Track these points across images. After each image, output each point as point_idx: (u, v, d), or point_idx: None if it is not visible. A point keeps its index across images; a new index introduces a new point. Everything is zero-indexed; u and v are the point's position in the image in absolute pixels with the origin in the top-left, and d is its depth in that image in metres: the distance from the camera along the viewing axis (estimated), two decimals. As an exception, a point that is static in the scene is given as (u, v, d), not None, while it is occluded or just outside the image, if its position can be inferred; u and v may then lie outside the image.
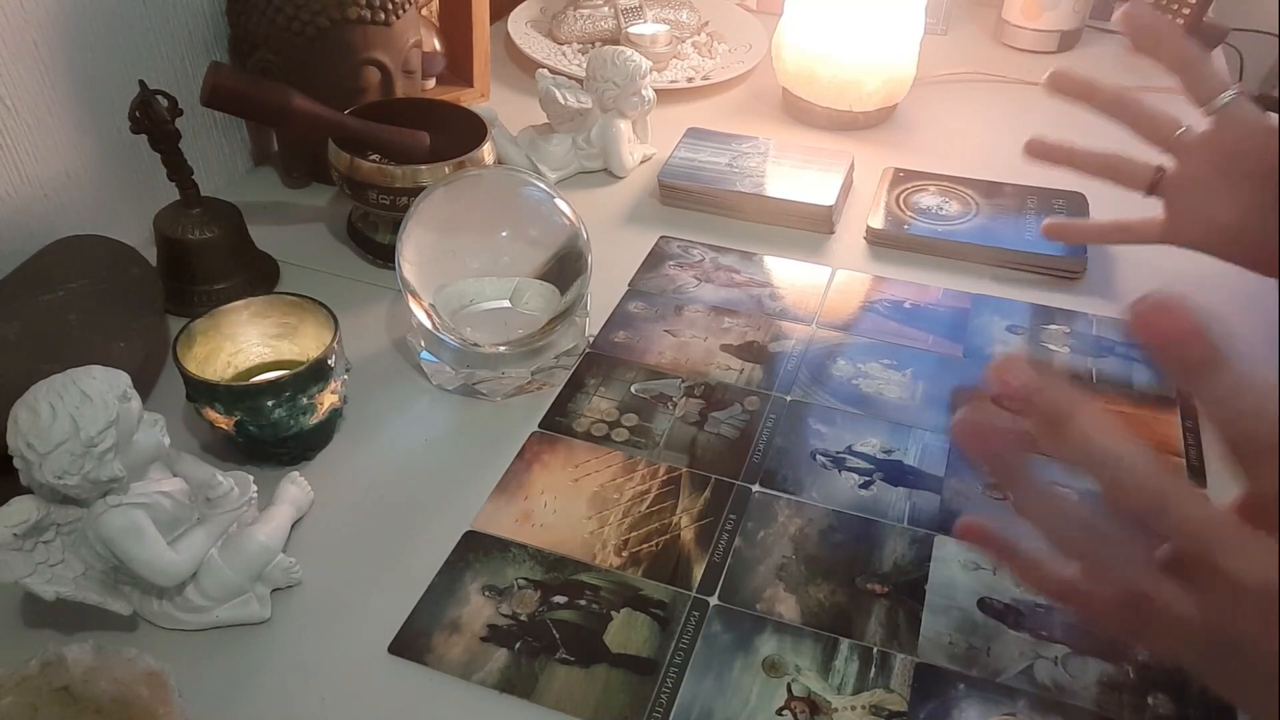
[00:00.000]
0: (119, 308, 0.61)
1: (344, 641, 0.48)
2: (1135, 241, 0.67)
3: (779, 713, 0.45)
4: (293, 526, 0.52)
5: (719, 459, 0.58)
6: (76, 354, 0.50)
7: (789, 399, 0.62)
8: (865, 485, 0.56)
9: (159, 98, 0.62)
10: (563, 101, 0.82)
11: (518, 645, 0.48)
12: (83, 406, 0.42)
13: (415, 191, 0.66)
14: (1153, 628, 0.36)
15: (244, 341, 0.58)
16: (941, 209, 0.79)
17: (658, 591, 0.50)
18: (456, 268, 0.60)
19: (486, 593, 0.50)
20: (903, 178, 0.83)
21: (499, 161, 0.79)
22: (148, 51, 0.71)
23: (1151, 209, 0.66)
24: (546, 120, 0.85)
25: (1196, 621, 0.34)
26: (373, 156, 0.70)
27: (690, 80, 1.01)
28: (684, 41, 1.08)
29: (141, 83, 0.61)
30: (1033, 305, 0.71)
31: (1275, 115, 0.59)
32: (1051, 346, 0.67)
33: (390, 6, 0.74)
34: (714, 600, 0.50)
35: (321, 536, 0.53)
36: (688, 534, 0.53)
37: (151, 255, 0.67)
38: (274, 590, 0.49)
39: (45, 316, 0.58)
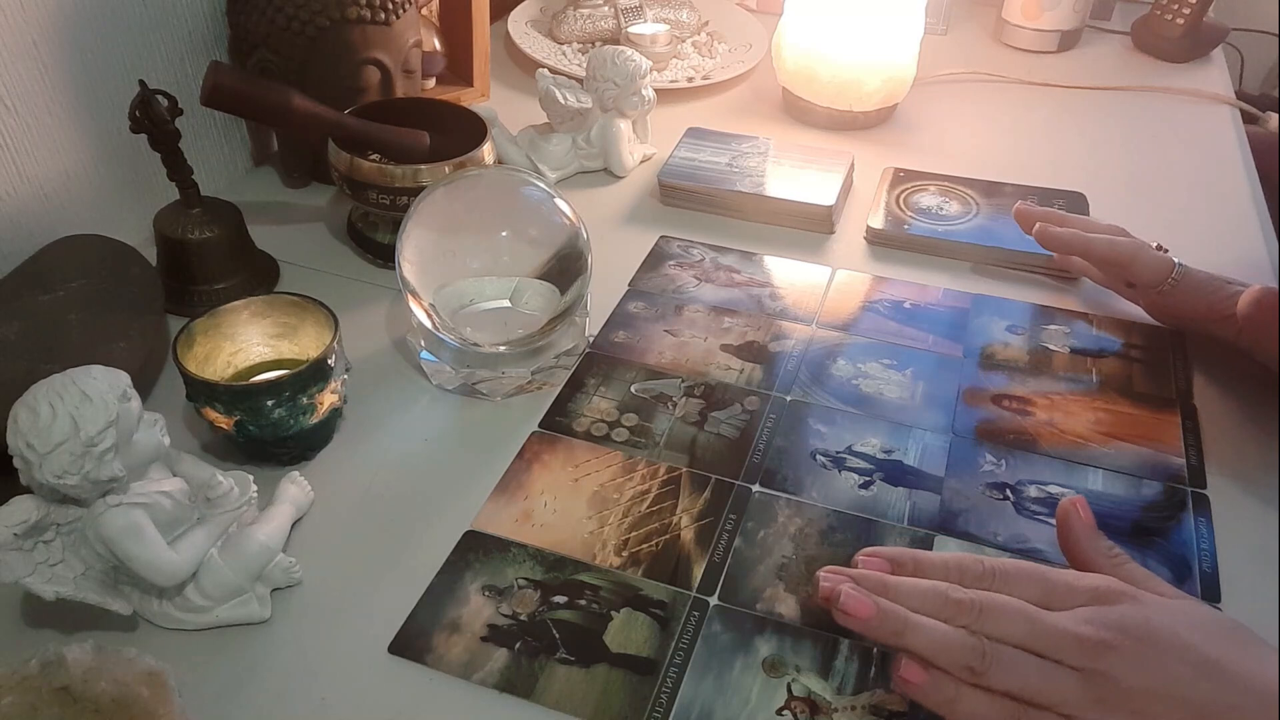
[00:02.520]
0: (119, 308, 0.61)
1: (344, 641, 0.48)
2: (1096, 279, 0.71)
3: (779, 713, 0.45)
4: (293, 526, 0.52)
5: (719, 459, 0.58)
6: (76, 354, 0.50)
7: (789, 399, 0.62)
8: (865, 485, 0.56)
9: (159, 98, 0.62)
10: (563, 101, 0.82)
11: (518, 645, 0.47)
12: (83, 406, 0.42)
13: (415, 191, 0.66)
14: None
15: (244, 341, 0.58)
16: (941, 209, 0.79)
17: (658, 591, 0.50)
18: (456, 268, 0.60)
19: (486, 593, 0.50)
20: (903, 178, 0.83)
21: (499, 161, 0.79)
22: (148, 51, 0.71)
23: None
24: (546, 120, 0.85)
25: None
26: (373, 156, 0.70)
27: (690, 80, 1.01)
28: (684, 41, 1.08)
29: (141, 83, 0.61)
30: (1033, 305, 0.71)
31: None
32: (1051, 346, 0.67)
33: (390, 6, 0.74)
34: (714, 600, 0.50)
35: (321, 536, 0.53)
36: (688, 534, 0.53)
37: (151, 255, 0.67)
38: (274, 590, 0.49)
39: (45, 316, 0.58)
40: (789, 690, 0.46)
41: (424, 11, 0.93)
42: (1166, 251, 0.65)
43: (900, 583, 0.44)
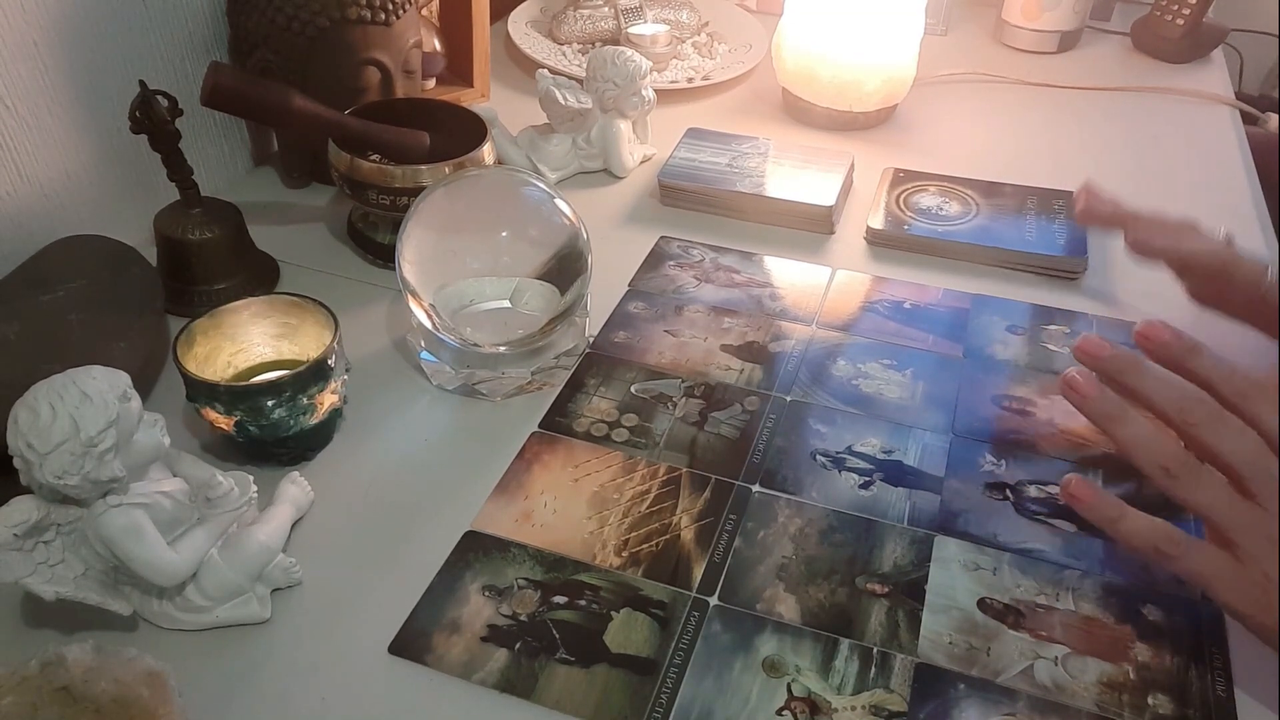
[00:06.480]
0: (119, 308, 0.61)
1: (344, 641, 0.48)
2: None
3: (779, 713, 0.45)
4: (293, 526, 0.52)
5: (719, 459, 0.58)
6: (76, 354, 0.50)
7: (789, 399, 0.62)
8: (865, 485, 0.56)
9: (159, 98, 0.62)
10: (563, 101, 0.82)
11: (518, 645, 0.48)
12: (83, 406, 0.42)
13: (415, 191, 0.66)
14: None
15: (244, 341, 0.58)
16: (941, 209, 0.79)
17: (658, 591, 0.50)
18: (456, 268, 0.60)
19: (486, 593, 0.50)
20: (903, 178, 0.83)
21: (499, 161, 0.79)
22: (148, 51, 0.71)
23: None
24: (546, 120, 0.85)
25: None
26: (373, 156, 0.70)
27: (690, 80, 1.01)
28: (684, 42, 1.08)
29: (141, 83, 0.61)
30: (1033, 305, 0.71)
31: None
32: (1051, 346, 0.67)
33: (390, 6, 0.74)
34: (714, 600, 0.50)
35: (321, 536, 0.53)
36: (688, 534, 0.53)
37: (151, 255, 0.67)
38: (274, 590, 0.49)
39: (45, 316, 0.58)
40: (789, 690, 0.46)
41: (424, 12, 0.93)
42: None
43: (1152, 367, 0.46)
